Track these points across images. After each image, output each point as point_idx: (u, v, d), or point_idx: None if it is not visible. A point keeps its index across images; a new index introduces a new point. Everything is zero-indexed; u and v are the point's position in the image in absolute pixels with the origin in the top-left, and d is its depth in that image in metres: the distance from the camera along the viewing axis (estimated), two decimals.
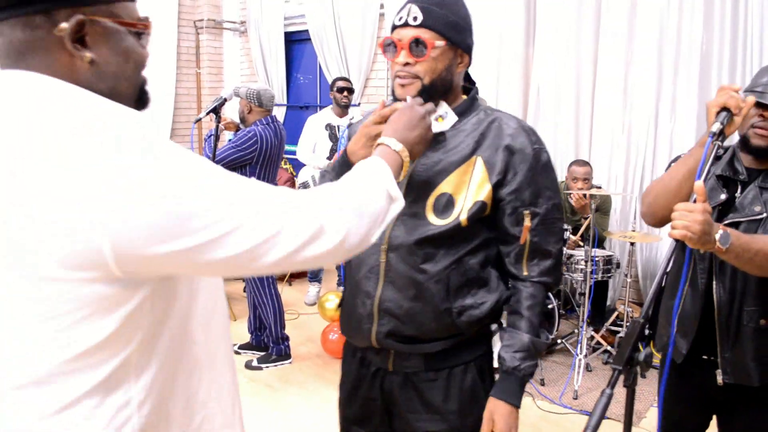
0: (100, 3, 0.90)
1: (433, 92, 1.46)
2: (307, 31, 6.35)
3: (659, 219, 1.69)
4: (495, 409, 1.49)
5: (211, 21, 7.01)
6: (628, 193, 4.59)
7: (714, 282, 1.70)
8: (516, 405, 1.49)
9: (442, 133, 1.50)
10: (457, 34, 1.47)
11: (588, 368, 3.89)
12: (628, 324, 4.09)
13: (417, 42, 1.43)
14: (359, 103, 6.16)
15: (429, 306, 1.49)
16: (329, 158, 5.07)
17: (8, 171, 0.82)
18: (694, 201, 1.38)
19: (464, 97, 1.58)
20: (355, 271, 1.59)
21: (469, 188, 1.48)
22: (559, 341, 4.21)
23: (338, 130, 5.06)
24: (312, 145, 5.07)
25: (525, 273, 1.53)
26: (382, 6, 5.86)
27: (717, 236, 1.40)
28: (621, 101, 4.59)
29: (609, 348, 4.06)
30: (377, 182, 1.04)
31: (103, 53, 0.91)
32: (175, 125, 6.99)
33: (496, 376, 1.56)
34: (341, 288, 4.70)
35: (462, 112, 1.53)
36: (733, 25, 4.07)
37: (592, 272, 3.92)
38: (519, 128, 1.50)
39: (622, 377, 1.11)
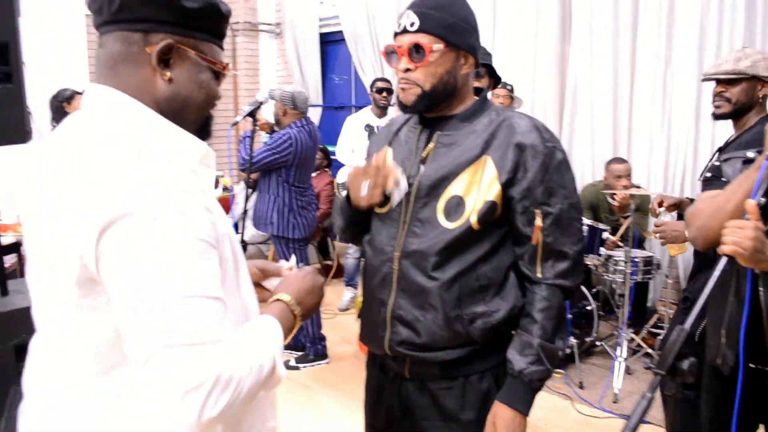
0: (189, 36, 1.05)
1: (434, 97, 1.47)
2: (341, 32, 6.37)
3: (710, 242, 1.63)
4: (498, 413, 1.46)
5: (247, 23, 7.09)
6: (668, 192, 4.49)
7: (761, 289, 1.65)
8: (521, 411, 1.45)
9: (450, 134, 1.51)
10: (457, 36, 1.44)
11: (628, 371, 3.83)
12: (668, 326, 4.01)
13: (416, 47, 1.42)
14: (393, 104, 6.16)
15: (439, 314, 1.47)
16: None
17: (52, 188, 0.97)
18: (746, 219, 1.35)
19: (475, 98, 1.56)
20: (370, 279, 1.60)
21: (480, 189, 1.45)
22: (598, 343, 4.15)
23: (378, 130, 5.07)
24: (351, 146, 5.09)
25: (539, 275, 1.49)
26: None
27: None
28: (660, 98, 4.49)
29: (650, 350, 3.98)
30: (269, 355, 1.02)
31: (181, 77, 1.06)
32: (213, 126, 7.07)
33: None
34: None
35: (472, 113, 1.52)
36: None
37: (632, 273, 3.85)
38: (531, 126, 1.47)
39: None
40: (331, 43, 6.93)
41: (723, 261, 1.30)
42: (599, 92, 4.72)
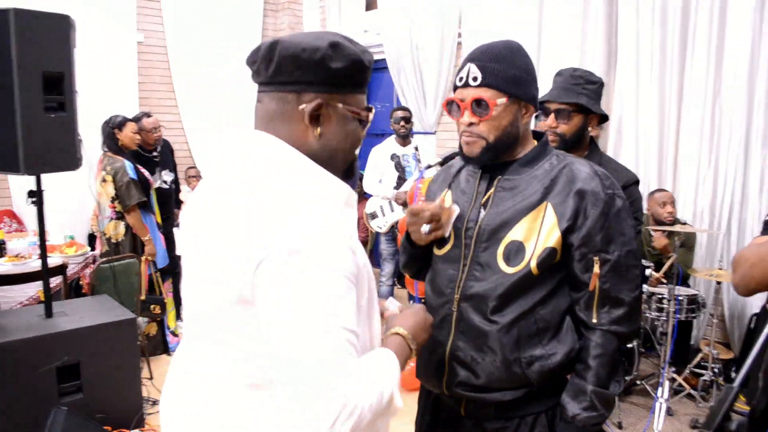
0: (337, 92, 1.16)
1: (499, 148, 1.51)
2: (384, 60, 6.44)
3: (752, 291, 1.58)
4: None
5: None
6: (714, 230, 4.39)
7: None
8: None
9: (511, 179, 1.54)
10: (519, 88, 1.47)
11: (669, 412, 3.71)
12: (713, 367, 3.89)
13: (479, 102, 1.45)
14: (435, 131, 6.17)
15: (498, 356, 1.49)
16: (396, 188, 5.10)
17: (219, 210, 1.12)
18: None
19: (535, 142, 1.58)
20: None
21: (540, 235, 1.46)
22: (638, 382, 4.04)
23: (403, 159, 5.10)
24: (378, 176, 5.11)
25: (594, 321, 1.49)
26: (459, 35, 5.88)
27: None
28: (708, 131, 4.40)
29: (692, 392, 3.86)
30: (389, 387, 1.09)
31: (330, 130, 1.16)
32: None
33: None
34: None
35: (533, 158, 1.54)
36: None
37: (675, 311, 3.76)
38: (592, 173, 1.49)
39: None
40: (374, 71, 6.97)
41: None
42: (645, 125, 4.65)
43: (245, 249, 1.03)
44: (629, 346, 3.88)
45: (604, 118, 2.35)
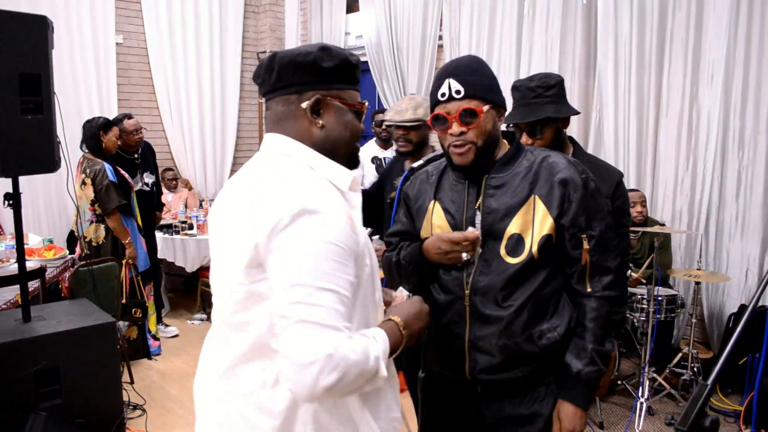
0: (332, 89, 1.33)
1: (486, 151, 1.67)
2: (366, 62, 6.44)
3: None
4: (561, 409, 1.67)
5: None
6: (693, 231, 4.44)
7: None
8: (581, 406, 1.67)
9: (497, 177, 1.70)
10: (495, 95, 1.66)
11: (650, 412, 3.75)
12: (693, 366, 3.93)
13: (467, 112, 1.62)
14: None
15: (513, 337, 1.66)
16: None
17: (235, 199, 1.28)
18: None
19: (506, 142, 1.76)
20: (440, 316, 1.75)
21: (534, 225, 1.65)
22: (619, 382, 4.08)
23: (384, 162, 5.11)
24: (360, 179, 5.11)
25: (588, 289, 1.69)
26: (440, 38, 5.90)
27: None
28: (686, 133, 4.46)
29: (672, 391, 3.90)
30: (375, 355, 1.21)
31: (330, 122, 1.33)
32: (237, 153, 7.17)
33: None
34: None
35: (512, 157, 1.72)
36: None
37: (654, 312, 3.79)
38: (566, 162, 1.68)
39: None
40: None
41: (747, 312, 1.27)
42: (624, 128, 4.70)
43: (261, 221, 1.17)
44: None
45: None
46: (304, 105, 1.31)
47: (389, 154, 5.14)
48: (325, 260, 1.15)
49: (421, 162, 1.94)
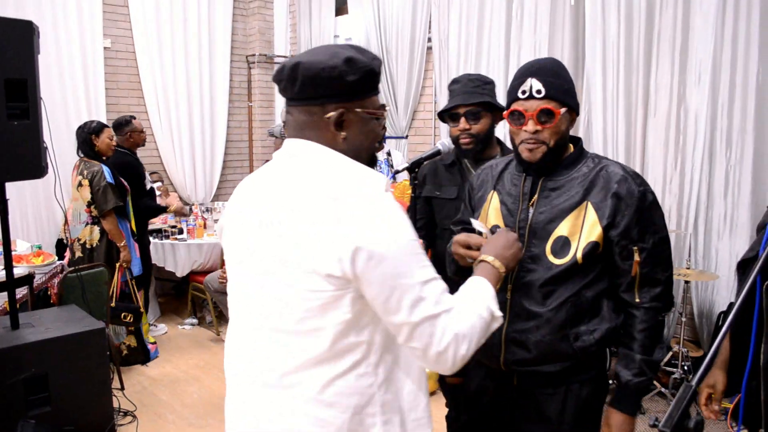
0: (355, 99, 1.32)
1: (556, 152, 1.73)
2: None
3: None
4: (610, 416, 1.74)
5: (263, 56, 7.19)
6: (682, 230, 4.46)
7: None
8: (630, 413, 1.72)
9: (555, 180, 1.76)
10: (572, 99, 1.73)
11: (641, 410, 3.76)
12: (683, 365, 3.95)
13: (545, 112, 1.67)
14: (407, 136, 6.19)
15: (549, 334, 1.72)
16: None
17: (289, 205, 1.26)
18: None
19: (571, 146, 1.81)
20: None
21: (582, 231, 1.70)
22: (610, 382, 4.07)
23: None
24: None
25: (637, 300, 1.72)
26: (429, 40, 5.91)
27: None
28: (674, 133, 4.48)
29: (663, 389, 3.91)
30: (485, 306, 1.33)
31: (353, 132, 1.33)
32: (227, 157, 7.15)
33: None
34: None
35: (573, 161, 1.78)
36: None
37: None
38: (625, 175, 1.72)
39: None
40: None
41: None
42: (612, 128, 4.72)
43: (339, 238, 1.19)
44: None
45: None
46: (328, 116, 1.30)
47: (380, 156, 5.16)
48: (416, 254, 1.23)
49: (406, 166, 2.12)
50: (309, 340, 1.26)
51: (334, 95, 1.30)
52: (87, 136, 4.44)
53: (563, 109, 1.68)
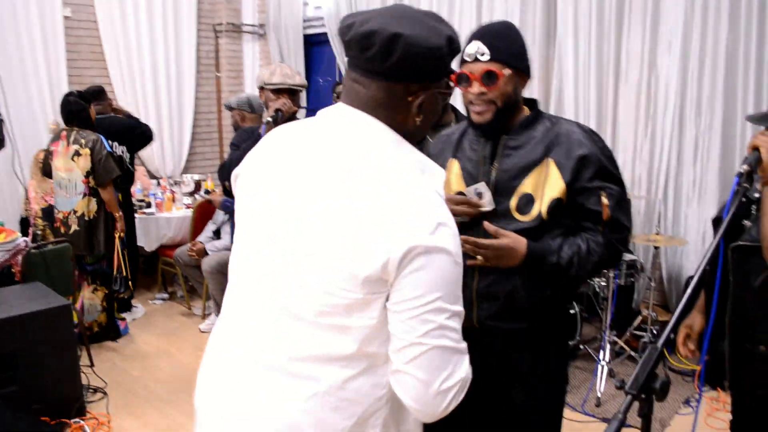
0: (439, 80, 1.22)
1: (505, 112, 1.76)
2: (326, 33, 6.33)
3: None
4: (516, 240, 1.71)
5: (230, 25, 7.03)
6: (652, 196, 4.50)
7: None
8: (525, 259, 1.71)
9: (515, 138, 1.80)
10: (519, 61, 1.76)
11: (611, 374, 3.81)
12: (652, 329, 4.01)
13: (489, 74, 1.70)
14: None
15: (519, 289, 1.76)
16: None
17: (341, 190, 1.14)
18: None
19: (526, 109, 1.86)
20: None
21: (546, 187, 1.73)
22: (581, 347, 4.14)
23: None
24: None
25: (601, 230, 1.77)
26: None
27: None
28: (644, 101, 4.49)
29: (633, 353, 3.97)
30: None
31: (428, 115, 1.23)
32: (196, 129, 7.01)
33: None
34: None
35: (531, 121, 1.82)
36: (759, 23, 3.95)
37: (615, 276, 3.84)
38: (584, 135, 1.77)
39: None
40: (315, 45, 6.88)
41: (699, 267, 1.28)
42: (583, 96, 4.72)
43: (396, 234, 1.08)
44: (572, 312, 3.97)
45: None
46: (411, 99, 1.19)
47: None
48: (457, 282, 1.14)
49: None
50: (331, 336, 1.17)
51: (426, 76, 1.19)
52: (83, 105, 4.34)
53: (507, 71, 1.71)
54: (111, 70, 6.31)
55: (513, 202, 1.76)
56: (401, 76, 1.16)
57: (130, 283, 4.56)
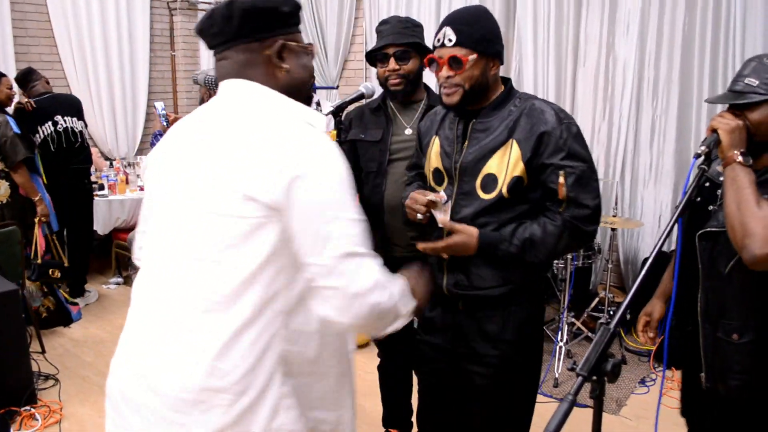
0: (289, 32, 1.34)
1: (473, 94, 1.82)
2: None
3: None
4: (468, 234, 1.80)
5: (185, 2, 6.83)
6: (609, 178, 4.54)
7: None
8: (478, 247, 1.79)
9: (483, 122, 1.85)
10: (487, 46, 1.80)
11: (569, 355, 3.86)
12: (609, 310, 4.06)
13: (454, 59, 1.77)
14: (338, 86, 6.05)
15: (486, 259, 1.83)
16: None
17: (226, 134, 1.25)
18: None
19: (503, 87, 1.89)
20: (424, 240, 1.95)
21: (508, 167, 1.79)
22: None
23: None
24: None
25: (560, 210, 1.78)
26: None
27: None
28: (602, 83, 4.53)
29: (590, 334, 4.03)
30: (401, 289, 1.32)
31: (293, 65, 1.34)
32: (150, 110, 6.83)
33: None
34: None
35: (500, 103, 1.86)
36: (715, 7, 4.00)
37: (572, 258, 3.88)
38: (550, 112, 1.79)
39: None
40: None
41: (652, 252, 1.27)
42: (542, 77, 4.73)
43: (274, 171, 1.16)
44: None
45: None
46: (269, 51, 1.31)
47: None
48: (350, 191, 1.22)
49: (330, 110, 2.26)
50: (230, 270, 1.20)
51: (272, 28, 1.31)
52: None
53: (473, 56, 1.77)
54: (60, 47, 6.09)
55: (477, 182, 1.84)
56: (248, 32, 1.30)
57: (64, 266, 4.39)
